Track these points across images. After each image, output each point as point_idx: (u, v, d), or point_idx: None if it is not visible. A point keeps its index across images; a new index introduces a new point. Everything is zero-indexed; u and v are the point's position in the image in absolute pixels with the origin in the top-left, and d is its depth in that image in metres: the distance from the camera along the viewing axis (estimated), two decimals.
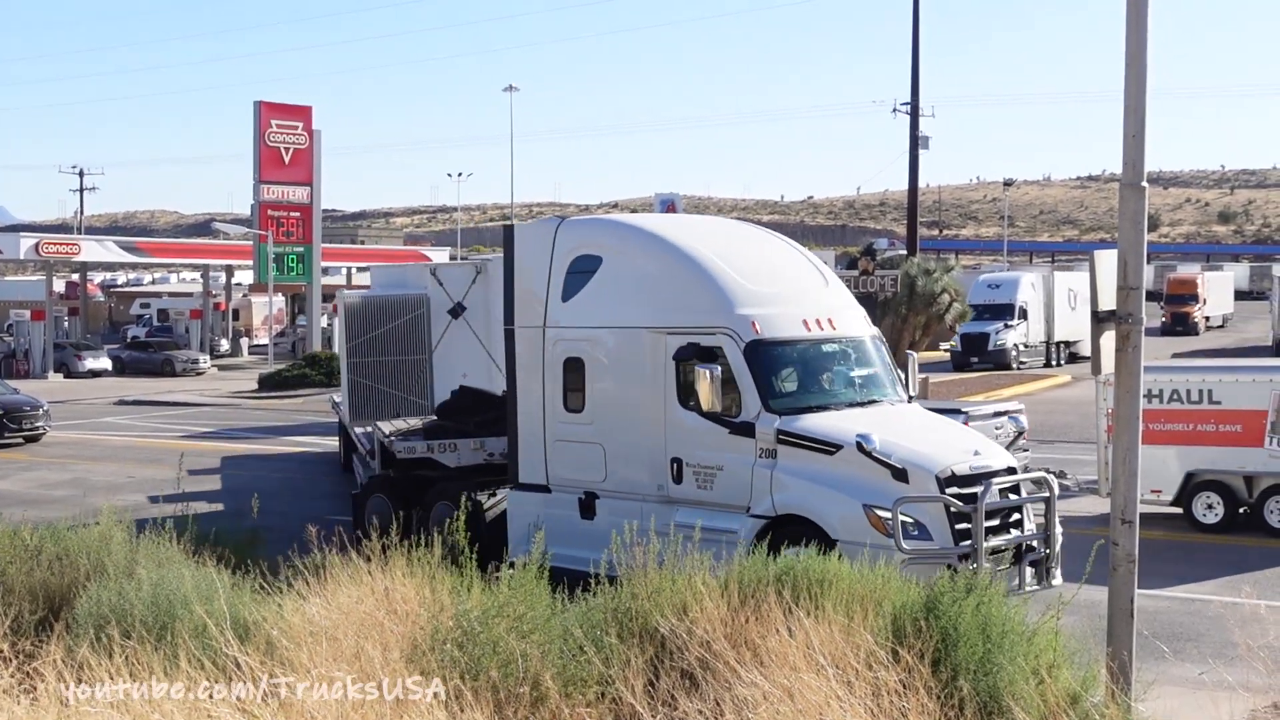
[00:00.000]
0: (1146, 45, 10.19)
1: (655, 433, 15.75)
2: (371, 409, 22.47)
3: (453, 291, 22.43)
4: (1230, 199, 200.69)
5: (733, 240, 17.61)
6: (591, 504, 16.28)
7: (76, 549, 12.67)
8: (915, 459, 14.32)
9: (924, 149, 50.74)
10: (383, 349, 22.46)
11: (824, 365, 16.15)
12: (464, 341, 22.28)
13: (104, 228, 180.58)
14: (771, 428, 14.88)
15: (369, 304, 22.76)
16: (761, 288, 15.98)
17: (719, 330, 15.38)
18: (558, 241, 16.95)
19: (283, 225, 60.81)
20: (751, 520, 14.76)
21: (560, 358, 16.73)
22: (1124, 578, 10.31)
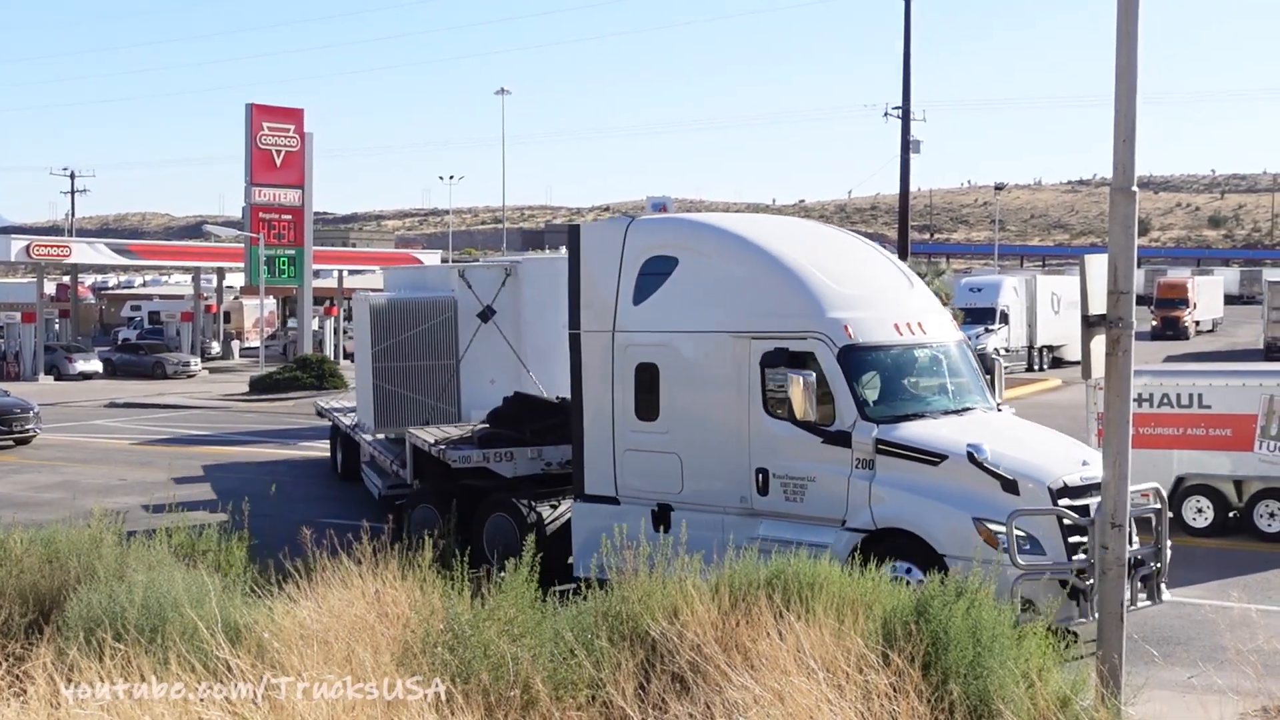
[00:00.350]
0: (1137, 51, 10.22)
1: (738, 442, 15.07)
2: (397, 416, 21.75)
3: (482, 294, 21.75)
4: (1220, 204, 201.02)
5: (814, 241, 17.01)
6: (666, 516, 15.56)
7: (67, 551, 12.65)
8: (1026, 470, 13.68)
9: (915, 153, 50.82)
10: (409, 354, 21.70)
11: (917, 371, 15.52)
12: (493, 346, 21.68)
13: (95, 230, 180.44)
14: (869, 437, 14.17)
15: (395, 307, 21.84)
16: (850, 290, 15.31)
17: (810, 335, 14.70)
18: (628, 242, 16.28)
19: (274, 228, 60.72)
20: (847, 534, 14.09)
21: (632, 363, 16.06)
22: (1113, 582, 10.33)
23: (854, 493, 14.21)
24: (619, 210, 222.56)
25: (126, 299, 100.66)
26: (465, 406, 21.60)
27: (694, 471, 15.51)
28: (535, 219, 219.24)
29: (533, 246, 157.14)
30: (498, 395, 21.03)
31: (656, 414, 15.85)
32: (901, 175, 50.55)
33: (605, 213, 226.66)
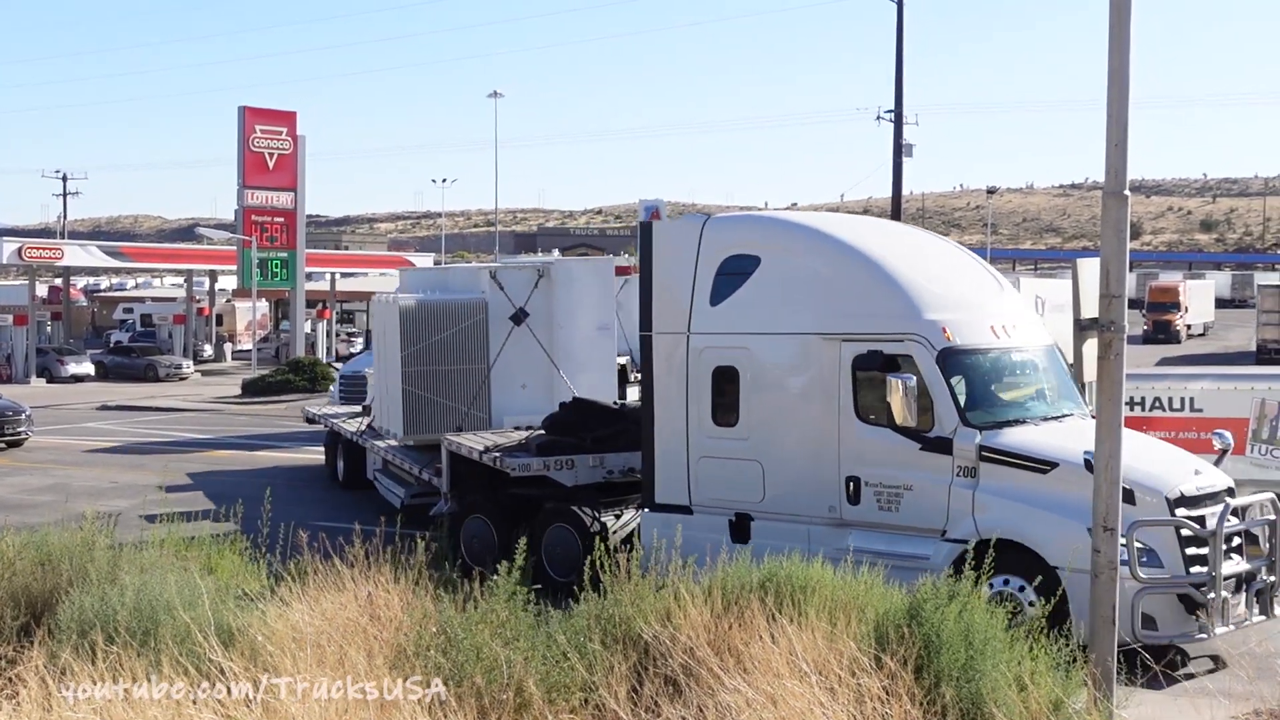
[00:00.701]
0: (1129, 55, 10.24)
1: (826, 449, 14.47)
2: (427, 422, 20.93)
3: (514, 296, 21.05)
4: (1212, 207, 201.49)
5: (902, 240, 16.49)
6: (745, 526, 15.01)
7: (59, 554, 12.63)
8: (1142, 479, 13.11)
9: (908, 156, 50.97)
10: (439, 358, 20.92)
11: (1014, 376, 15.03)
12: (525, 350, 21.01)
13: (87, 232, 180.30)
14: (972, 444, 13.57)
15: (425, 309, 20.98)
16: (943, 290, 14.71)
17: (908, 337, 14.11)
18: (704, 240, 15.73)
19: (266, 230, 60.68)
20: (948, 545, 13.51)
21: (709, 367, 15.48)
22: (1106, 585, 10.35)
23: (955, 502, 13.67)
24: (612, 212, 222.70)
25: (119, 301, 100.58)
26: (496, 412, 20.97)
27: (777, 480, 14.89)
28: (528, 222, 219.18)
29: (525, 250, 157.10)
30: (530, 401, 20.70)
31: (736, 419, 15.27)
32: (894, 179, 50.68)
33: (598, 216, 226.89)
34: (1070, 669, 9.75)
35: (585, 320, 21.29)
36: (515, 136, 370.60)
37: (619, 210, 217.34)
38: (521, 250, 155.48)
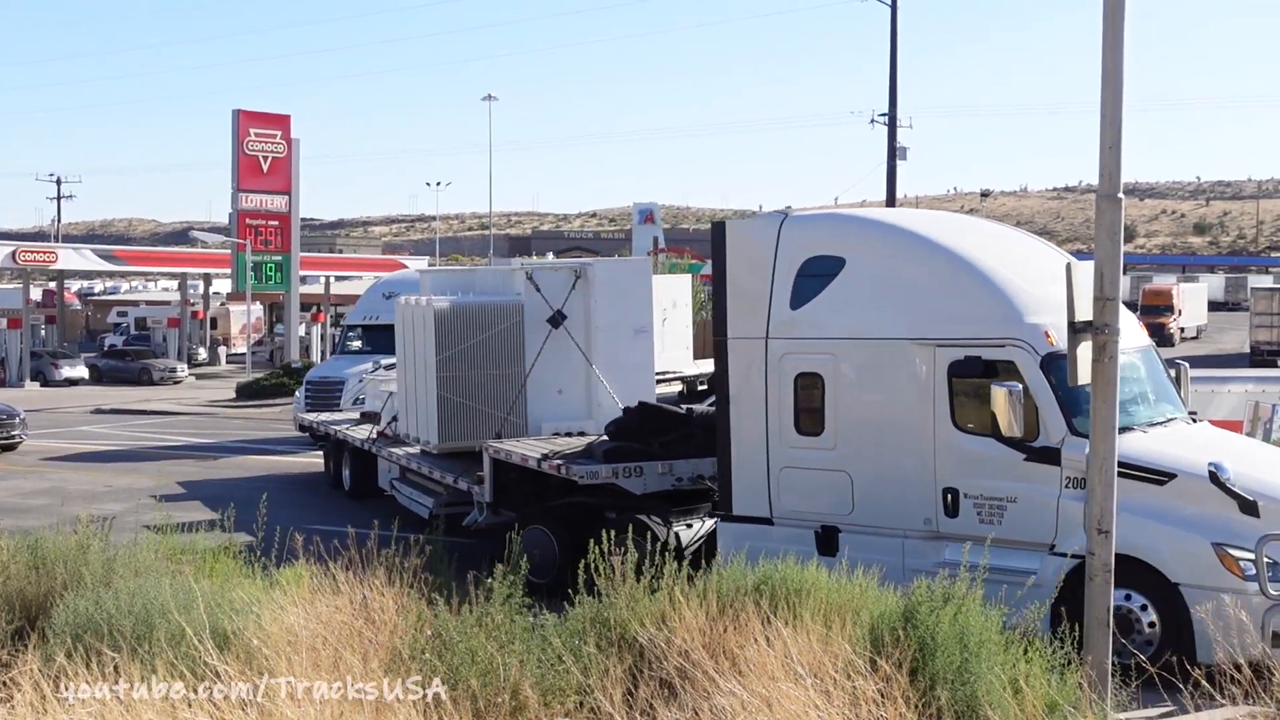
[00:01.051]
0: (1123, 58, 10.26)
1: (922, 459, 13.86)
2: (463, 429, 20.23)
3: (551, 298, 20.48)
4: (1206, 210, 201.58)
5: (994, 239, 15.80)
6: (832, 539, 14.36)
7: (53, 558, 12.62)
8: (1265, 489, 12.52)
9: (901, 159, 51.03)
10: (474, 362, 20.18)
11: None
12: (562, 353, 20.47)
13: (81, 236, 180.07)
14: (1082, 453, 12.48)
15: (460, 312, 20.26)
16: (1041, 292, 13.92)
17: (1009, 342, 13.42)
18: (783, 240, 15.10)
19: (261, 234, 60.69)
20: (1056, 559, 12.83)
21: (790, 373, 14.86)
22: (1100, 587, 10.37)
23: (1065, 515, 12.98)
24: (606, 216, 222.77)
25: (113, 305, 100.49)
26: (533, 418, 20.27)
27: (867, 491, 14.28)
28: (522, 225, 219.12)
29: (520, 253, 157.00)
30: (566, 406, 20.31)
31: (821, 428, 14.65)
32: (888, 182, 50.72)
33: (592, 219, 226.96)
34: (1065, 672, 9.76)
35: (623, 323, 20.72)
36: (509, 140, 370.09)
37: (613, 213, 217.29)
38: (516, 253, 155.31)
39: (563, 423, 19.95)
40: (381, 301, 36.38)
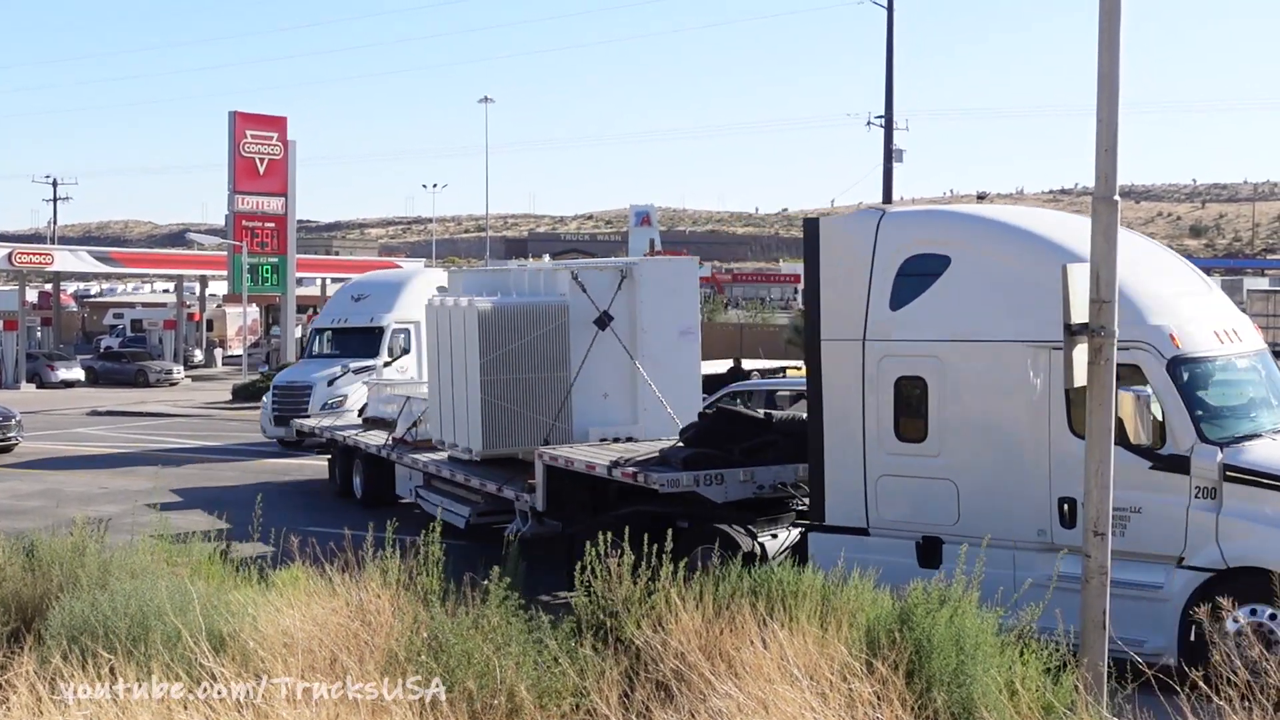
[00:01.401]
0: (1119, 60, 10.26)
1: (1035, 467, 13.22)
2: (508, 435, 19.45)
3: (598, 299, 19.62)
4: (1202, 213, 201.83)
5: None
6: (935, 550, 13.69)
7: (49, 560, 12.62)
8: None
9: (898, 162, 51.02)
10: (519, 365, 19.35)
11: (1241, 384, 13.75)
12: (607, 356, 19.59)
13: (77, 238, 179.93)
14: (1213, 461, 12.22)
15: (505, 313, 19.41)
16: (1163, 292, 13.48)
17: (1133, 344, 12.60)
18: (881, 238, 14.49)
19: (257, 236, 60.72)
20: (1185, 573, 12.38)
21: (890, 377, 14.22)
22: (1096, 589, 10.36)
23: (1195, 526, 12.43)
24: (602, 218, 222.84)
25: (109, 307, 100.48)
26: (579, 423, 19.50)
27: (975, 500, 13.57)
28: (518, 227, 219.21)
29: (516, 255, 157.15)
30: (611, 410, 19.72)
31: (924, 434, 14.03)
32: (884, 184, 50.72)
33: (589, 221, 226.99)
34: (1061, 674, 9.76)
35: (669, 323, 19.97)
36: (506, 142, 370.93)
37: (610, 215, 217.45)
38: (513, 255, 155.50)
39: (608, 428, 19.40)
40: (350, 304, 36.11)
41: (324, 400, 32.60)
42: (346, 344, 34.80)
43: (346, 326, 35.32)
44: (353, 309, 35.56)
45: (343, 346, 34.92)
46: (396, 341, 34.30)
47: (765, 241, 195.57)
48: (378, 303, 35.11)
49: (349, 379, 33.16)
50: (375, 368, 33.24)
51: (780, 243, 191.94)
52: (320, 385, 33.23)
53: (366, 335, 34.41)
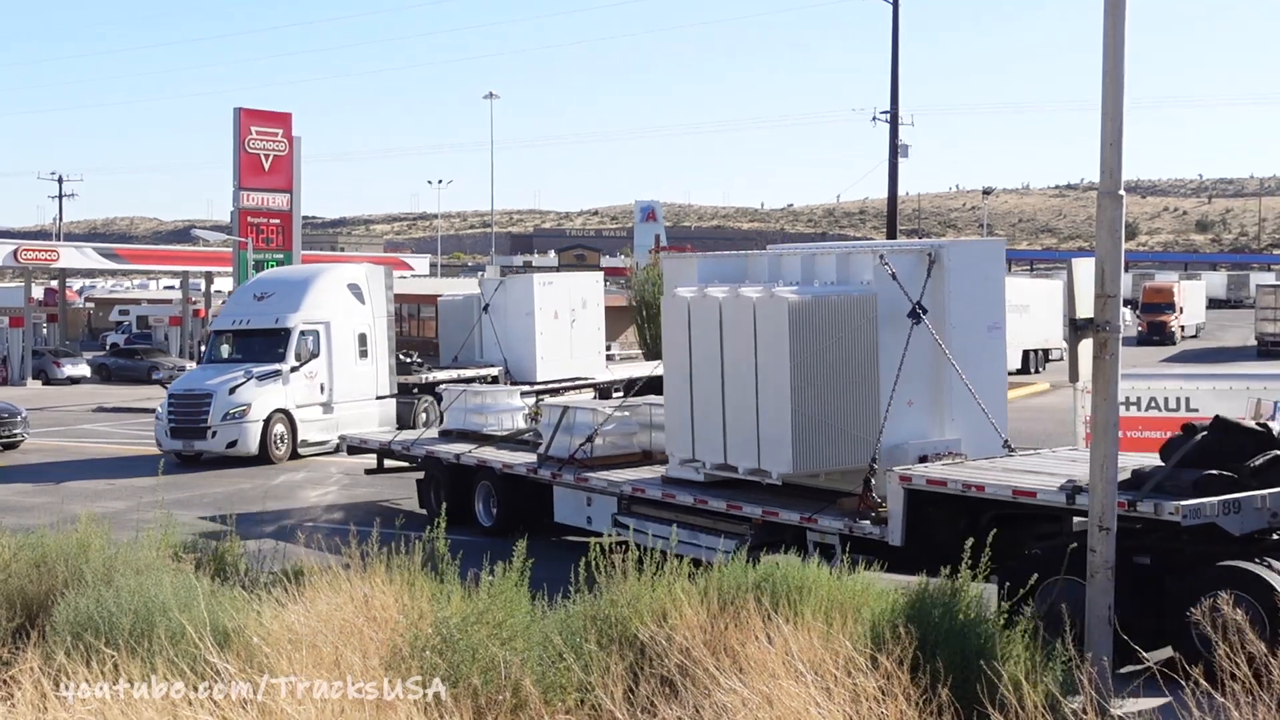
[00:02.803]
0: (1124, 55, 10.25)
1: None
2: (819, 452, 16.18)
3: (909, 288, 16.61)
4: (1208, 208, 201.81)
5: None
6: None
7: (54, 556, 12.63)
8: None
9: (903, 157, 50.96)
10: (829, 369, 16.23)
11: None
12: (918, 355, 16.51)
13: (83, 234, 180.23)
14: None
15: (816, 306, 16.18)
16: None
17: None
18: None
19: (262, 232, 60.59)
20: None
21: None
22: (1101, 584, 10.36)
23: None
24: (608, 213, 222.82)
25: (115, 303, 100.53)
26: (888, 435, 16.25)
27: None
28: (524, 223, 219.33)
29: (522, 251, 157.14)
30: (917, 420, 16.78)
31: None
32: (890, 179, 50.68)
33: (594, 217, 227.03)
34: (1066, 669, 9.75)
35: (978, 316, 17.25)
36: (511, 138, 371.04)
37: (615, 211, 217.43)
38: (518, 251, 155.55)
39: (914, 440, 16.54)
40: (253, 304, 33.71)
41: (225, 410, 30.83)
42: (249, 347, 32.71)
43: (248, 328, 33.03)
44: (255, 309, 33.33)
45: (245, 350, 32.75)
46: (305, 344, 32.39)
47: (770, 237, 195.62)
48: (283, 301, 33.06)
49: (252, 386, 31.26)
50: (282, 373, 31.76)
51: (785, 238, 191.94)
52: (221, 393, 31.05)
53: (271, 337, 32.40)
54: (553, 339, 37.04)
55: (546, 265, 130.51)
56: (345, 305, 33.76)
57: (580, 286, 39.30)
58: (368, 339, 33.89)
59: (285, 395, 31.76)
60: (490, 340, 37.18)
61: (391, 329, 35.10)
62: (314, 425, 32.32)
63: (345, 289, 34.10)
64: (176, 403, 31.66)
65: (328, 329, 32.81)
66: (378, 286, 34.81)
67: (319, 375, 32.49)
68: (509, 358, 36.62)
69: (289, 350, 32.05)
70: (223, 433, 30.93)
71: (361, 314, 34.00)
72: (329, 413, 32.58)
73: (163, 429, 31.91)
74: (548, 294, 37.50)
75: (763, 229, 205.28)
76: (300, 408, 31.99)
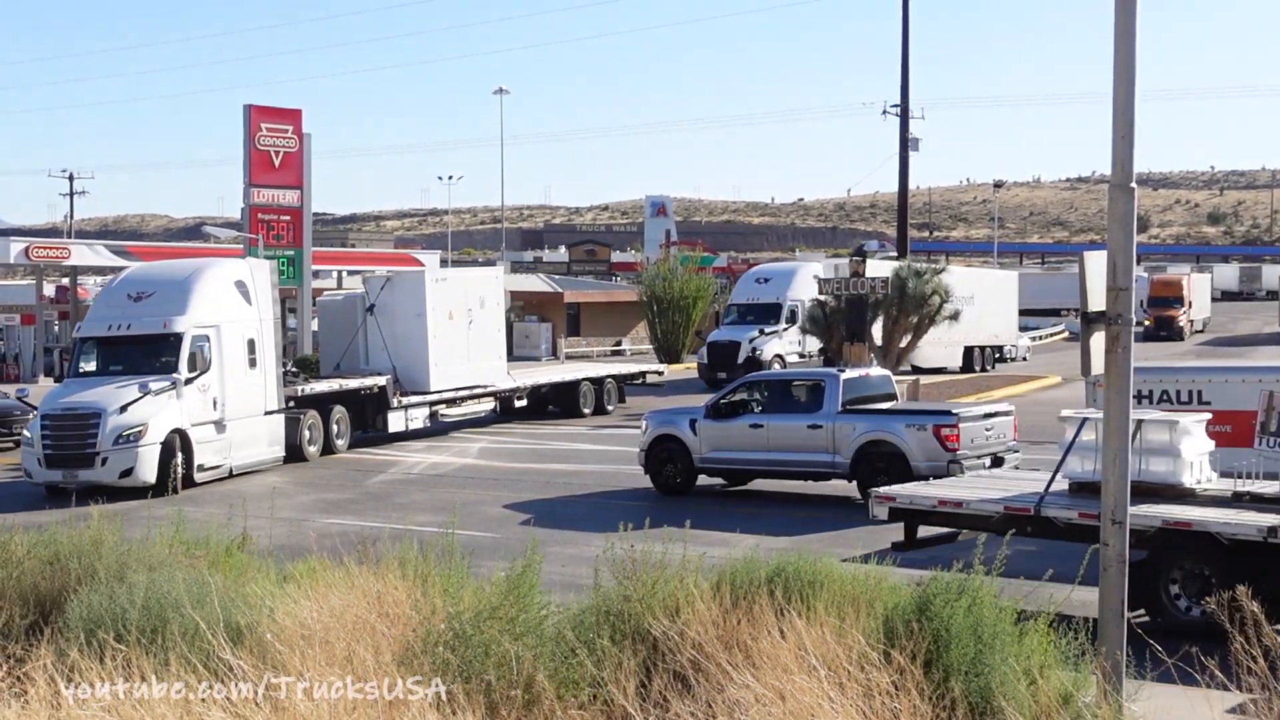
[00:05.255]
0: (1135, 47, 10.22)
1: None
2: None
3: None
4: (1220, 200, 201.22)
5: None
6: None
7: (67, 552, 12.66)
8: None
9: (914, 151, 51.06)
10: None
11: None
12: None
13: (94, 232, 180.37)
14: None
15: None
16: None
17: None
18: None
19: (273, 229, 60.50)
20: None
21: None
22: (1114, 578, 10.32)
23: None
24: (618, 209, 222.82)
25: None
26: None
27: None
28: (534, 219, 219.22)
29: (533, 246, 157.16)
30: None
31: None
32: (900, 173, 50.72)
33: (604, 212, 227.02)
34: (1080, 662, 9.73)
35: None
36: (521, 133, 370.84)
37: (625, 206, 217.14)
38: (528, 247, 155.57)
39: None
40: (130, 305, 28.01)
41: (118, 431, 25.32)
42: (129, 357, 27.22)
43: (129, 334, 27.38)
44: (134, 311, 27.65)
45: (124, 360, 27.22)
46: (199, 351, 27.01)
47: (781, 231, 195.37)
48: (166, 302, 27.53)
49: (148, 402, 25.82)
50: (177, 385, 26.26)
51: (796, 233, 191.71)
52: (111, 411, 25.54)
53: (157, 344, 26.91)
54: (447, 343, 33.86)
55: (557, 260, 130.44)
56: (234, 306, 28.65)
57: (478, 284, 36.62)
58: (256, 345, 28.82)
59: (180, 412, 26.32)
60: (377, 345, 33.81)
61: (279, 333, 30.82)
62: (208, 447, 26.91)
63: (233, 287, 29.02)
64: (53, 424, 25.74)
65: (218, 333, 27.50)
66: (264, 284, 30.36)
67: (211, 388, 27.18)
68: (398, 365, 33.28)
69: (180, 359, 26.61)
70: (115, 459, 25.27)
71: (249, 316, 28.99)
72: (221, 432, 27.30)
73: (34, 456, 25.81)
74: (441, 292, 34.27)
75: (773, 223, 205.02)
76: (195, 426, 26.59)
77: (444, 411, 34.45)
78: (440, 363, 33.57)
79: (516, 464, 29.39)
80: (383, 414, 32.69)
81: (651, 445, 24.37)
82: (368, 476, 27.79)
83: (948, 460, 21.45)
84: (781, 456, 23.23)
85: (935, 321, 41.19)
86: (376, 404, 32.74)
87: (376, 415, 32.77)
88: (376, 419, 32.84)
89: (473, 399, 35.03)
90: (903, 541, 16.74)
